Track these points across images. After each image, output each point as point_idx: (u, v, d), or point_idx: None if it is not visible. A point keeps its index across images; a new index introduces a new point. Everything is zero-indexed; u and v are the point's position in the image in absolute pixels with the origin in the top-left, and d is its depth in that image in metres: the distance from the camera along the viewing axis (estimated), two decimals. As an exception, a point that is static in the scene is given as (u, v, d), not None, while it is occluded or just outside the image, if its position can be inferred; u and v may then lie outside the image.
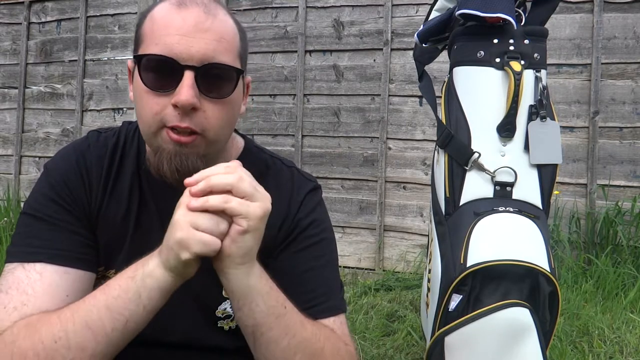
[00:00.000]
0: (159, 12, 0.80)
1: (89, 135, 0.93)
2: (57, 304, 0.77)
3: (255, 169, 0.94)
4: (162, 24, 0.79)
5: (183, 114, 0.77)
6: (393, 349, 2.08)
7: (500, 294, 1.10)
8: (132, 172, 0.90)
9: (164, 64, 0.77)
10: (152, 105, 0.78)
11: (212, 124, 0.80)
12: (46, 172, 0.88)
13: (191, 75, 0.77)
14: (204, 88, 0.78)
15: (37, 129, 4.04)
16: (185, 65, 0.77)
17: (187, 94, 0.75)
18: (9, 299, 0.76)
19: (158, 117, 0.78)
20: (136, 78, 0.80)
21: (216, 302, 0.90)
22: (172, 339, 0.88)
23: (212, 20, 0.79)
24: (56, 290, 0.78)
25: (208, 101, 0.79)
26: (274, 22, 3.51)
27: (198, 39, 0.77)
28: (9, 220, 3.60)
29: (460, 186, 1.24)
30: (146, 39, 0.80)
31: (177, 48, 0.76)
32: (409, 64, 3.21)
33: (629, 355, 2.01)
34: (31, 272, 0.78)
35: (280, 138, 3.47)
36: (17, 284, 0.77)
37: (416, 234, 3.18)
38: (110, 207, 0.87)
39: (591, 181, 2.93)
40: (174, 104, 0.77)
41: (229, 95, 0.81)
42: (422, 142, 3.20)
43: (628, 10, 2.93)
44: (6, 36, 4.17)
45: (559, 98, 2.97)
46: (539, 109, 1.21)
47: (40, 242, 0.81)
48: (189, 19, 0.78)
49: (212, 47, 0.78)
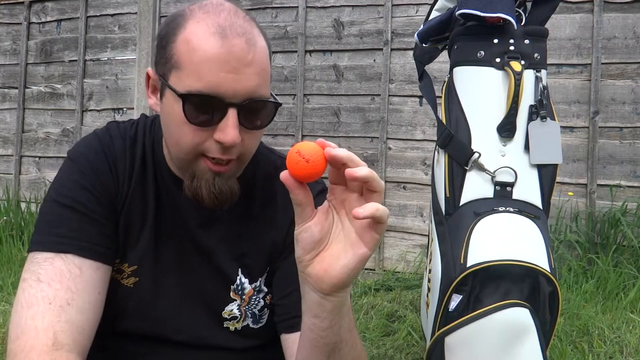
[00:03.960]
0: (198, 40, 0.75)
1: (109, 126, 0.92)
2: (94, 303, 0.78)
3: (265, 171, 0.95)
4: (204, 57, 0.74)
5: (226, 149, 0.78)
6: (393, 349, 2.08)
7: (500, 294, 1.10)
8: (151, 166, 0.90)
9: (208, 103, 0.76)
10: (193, 136, 0.78)
11: (249, 150, 0.82)
12: (72, 161, 0.86)
13: (235, 114, 0.76)
14: (246, 122, 0.78)
15: (37, 129, 4.04)
16: (230, 102, 0.76)
17: (232, 135, 0.75)
18: (54, 294, 0.75)
19: (199, 148, 0.78)
20: (175, 108, 0.78)
21: (223, 304, 0.91)
22: (179, 338, 0.89)
23: (254, 52, 0.77)
24: (93, 287, 0.78)
25: (246, 132, 0.79)
26: (274, 22, 3.50)
27: (242, 75, 0.75)
28: (8, 220, 3.60)
29: (460, 186, 1.24)
30: (184, 68, 0.76)
31: (223, 86, 0.75)
32: (409, 64, 3.21)
33: (629, 355, 2.01)
34: (71, 266, 0.77)
35: (280, 138, 3.47)
36: (59, 277, 0.76)
37: (416, 234, 3.18)
38: (134, 200, 0.87)
39: (591, 181, 2.93)
40: (218, 141, 0.77)
41: (267, 125, 0.82)
42: (422, 142, 3.20)
43: (628, 10, 2.93)
44: (6, 36, 4.17)
45: (559, 98, 2.97)
46: (539, 109, 1.21)
47: (74, 234, 0.79)
48: (234, 54, 0.75)
49: (255, 82, 0.77)
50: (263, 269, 0.93)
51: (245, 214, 0.92)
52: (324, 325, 0.71)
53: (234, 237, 0.91)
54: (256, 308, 0.92)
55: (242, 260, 0.91)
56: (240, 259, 0.91)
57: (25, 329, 0.73)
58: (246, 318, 0.91)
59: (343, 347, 0.74)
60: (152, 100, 0.86)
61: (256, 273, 0.92)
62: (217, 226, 0.90)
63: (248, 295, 0.91)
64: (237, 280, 0.91)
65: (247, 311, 0.91)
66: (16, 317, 0.75)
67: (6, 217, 3.61)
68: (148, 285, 0.87)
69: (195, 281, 0.90)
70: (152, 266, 0.88)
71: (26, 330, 0.72)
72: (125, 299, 0.87)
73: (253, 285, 0.92)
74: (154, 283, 0.88)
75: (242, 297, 0.91)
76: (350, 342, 0.75)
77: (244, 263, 0.91)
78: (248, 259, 0.91)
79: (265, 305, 0.93)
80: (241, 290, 0.91)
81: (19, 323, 0.74)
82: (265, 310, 0.93)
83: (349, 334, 0.74)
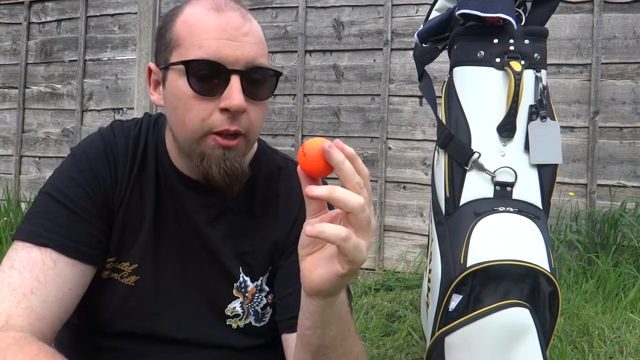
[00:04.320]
0: (195, 16, 0.80)
1: (113, 125, 0.92)
2: (60, 296, 0.77)
3: (268, 171, 0.95)
4: (202, 28, 0.78)
5: (232, 118, 0.78)
6: (393, 349, 2.08)
7: (500, 294, 1.10)
8: (154, 167, 0.90)
9: (210, 69, 0.77)
10: (199, 111, 0.79)
11: (255, 125, 0.82)
12: (73, 157, 0.87)
13: (238, 80, 0.78)
14: (249, 91, 0.79)
15: (37, 129, 4.04)
16: (232, 69, 0.77)
17: (238, 99, 0.77)
18: (20, 282, 0.75)
19: (205, 124, 0.79)
20: (178, 84, 0.79)
21: (226, 301, 0.91)
22: (181, 335, 0.89)
23: (250, 25, 0.81)
24: (63, 282, 0.78)
25: (251, 103, 0.80)
26: (274, 22, 3.50)
27: (241, 42, 0.78)
28: (8, 220, 3.60)
29: (460, 186, 1.24)
30: (184, 43, 0.79)
31: (223, 52, 0.77)
32: (409, 64, 3.21)
33: (629, 355, 2.01)
34: (47, 259, 0.78)
35: (280, 138, 3.47)
36: (31, 267, 0.77)
37: (416, 234, 3.18)
38: (132, 199, 0.87)
39: (591, 181, 2.93)
40: (224, 108, 0.77)
41: (269, 97, 0.84)
42: (422, 142, 3.20)
43: (628, 10, 2.93)
44: (6, 36, 4.17)
45: (559, 98, 2.97)
46: (539, 109, 1.21)
47: (58, 229, 0.80)
48: (231, 23, 0.79)
49: (254, 50, 0.80)
50: (264, 269, 0.93)
51: (248, 213, 0.92)
52: (307, 324, 0.71)
53: (237, 235, 0.91)
54: (259, 306, 0.92)
55: (243, 259, 0.91)
56: (241, 257, 0.91)
57: None
58: (249, 316, 0.91)
59: (329, 352, 0.74)
60: (155, 96, 0.87)
61: (257, 272, 0.92)
62: (221, 223, 0.90)
63: (251, 292, 0.91)
64: (240, 277, 0.91)
65: (250, 309, 0.91)
66: None
67: (6, 217, 3.61)
68: (149, 283, 0.88)
69: (199, 278, 0.90)
70: (153, 264, 0.88)
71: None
72: (127, 297, 0.87)
73: (255, 284, 0.92)
74: (156, 280, 0.88)
75: (244, 294, 0.91)
76: (341, 350, 0.75)
77: (245, 261, 0.91)
78: (249, 257, 0.92)
79: (268, 303, 0.93)
80: (244, 288, 0.91)
81: None
82: (268, 308, 0.93)
83: (338, 342, 0.73)
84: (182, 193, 0.88)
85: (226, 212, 0.90)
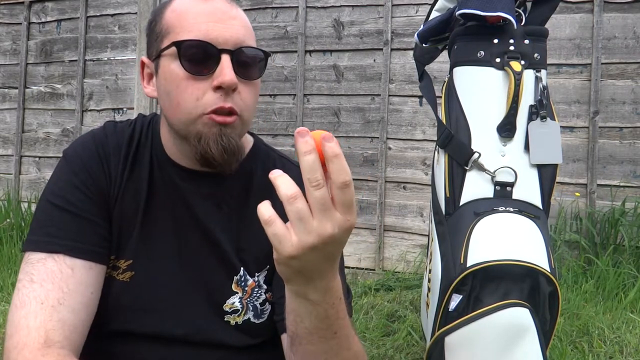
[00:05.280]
0: (183, 5, 0.84)
1: (105, 125, 0.94)
2: (86, 302, 0.79)
3: (263, 166, 0.95)
4: (191, 13, 0.82)
5: (225, 96, 0.81)
6: (393, 349, 2.08)
7: (500, 294, 1.10)
8: (147, 162, 0.91)
9: (202, 49, 0.80)
10: (193, 91, 0.81)
11: (248, 105, 0.84)
12: (66, 160, 0.87)
13: (228, 59, 0.81)
14: (239, 70, 0.82)
15: (37, 129, 4.04)
16: (222, 49, 0.81)
17: (230, 75, 0.80)
18: (46, 295, 0.76)
19: (199, 103, 0.81)
20: (171, 67, 0.82)
21: (225, 296, 0.90)
22: (178, 332, 0.88)
23: (236, 10, 0.86)
24: (85, 288, 0.79)
25: (242, 83, 0.83)
26: (274, 22, 3.50)
27: (229, 25, 0.82)
28: (9, 221, 3.60)
29: (460, 186, 1.24)
30: (174, 29, 0.83)
31: (213, 33, 0.81)
32: (409, 64, 3.21)
33: (629, 355, 2.01)
34: (63, 266, 0.79)
35: (280, 138, 3.47)
36: (51, 278, 0.77)
37: (416, 234, 3.18)
38: (126, 196, 0.88)
39: (591, 181, 2.93)
40: (217, 86, 0.80)
41: (259, 77, 0.86)
42: (422, 142, 3.20)
43: (628, 10, 2.93)
44: (6, 36, 4.17)
45: (559, 98, 2.97)
46: (539, 109, 1.21)
47: (66, 234, 0.81)
48: (218, 8, 0.83)
49: (242, 32, 0.84)
50: (261, 265, 0.92)
51: (244, 208, 0.92)
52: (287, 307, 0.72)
53: (234, 228, 0.91)
54: (257, 301, 0.92)
55: (239, 255, 0.91)
56: (238, 252, 0.91)
57: (18, 328, 0.74)
58: (247, 311, 0.91)
59: (305, 344, 0.73)
60: (148, 89, 0.90)
61: (253, 268, 0.92)
62: (220, 215, 0.90)
63: (250, 287, 0.91)
64: (241, 270, 0.91)
65: (249, 304, 0.91)
66: (10, 316, 0.77)
67: (7, 218, 3.61)
68: (144, 278, 0.87)
69: (198, 272, 0.89)
70: (148, 258, 0.88)
71: (19, 328, 0.74)
72: (122, 294, 0.86)
73: (253, 279, 0.92)
74: (151, 275, 0.87)
75: (244, 289, 0.91)
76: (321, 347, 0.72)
77: (241, 257, 0.91)
78: (245, 252, 0.91)
79: (267, 300, 0.93)
80: (244, 282, 0.91)
81: (13, 321, 0.76)
82: (267, 305, 0.93)
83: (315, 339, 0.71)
84: (180, 184, 0.89)
85: (222, 205, 0.91)
